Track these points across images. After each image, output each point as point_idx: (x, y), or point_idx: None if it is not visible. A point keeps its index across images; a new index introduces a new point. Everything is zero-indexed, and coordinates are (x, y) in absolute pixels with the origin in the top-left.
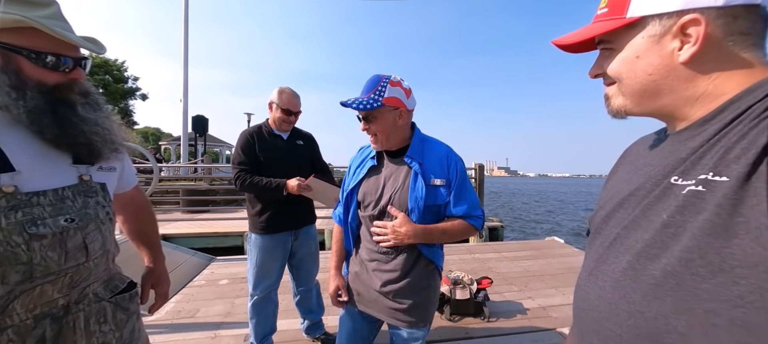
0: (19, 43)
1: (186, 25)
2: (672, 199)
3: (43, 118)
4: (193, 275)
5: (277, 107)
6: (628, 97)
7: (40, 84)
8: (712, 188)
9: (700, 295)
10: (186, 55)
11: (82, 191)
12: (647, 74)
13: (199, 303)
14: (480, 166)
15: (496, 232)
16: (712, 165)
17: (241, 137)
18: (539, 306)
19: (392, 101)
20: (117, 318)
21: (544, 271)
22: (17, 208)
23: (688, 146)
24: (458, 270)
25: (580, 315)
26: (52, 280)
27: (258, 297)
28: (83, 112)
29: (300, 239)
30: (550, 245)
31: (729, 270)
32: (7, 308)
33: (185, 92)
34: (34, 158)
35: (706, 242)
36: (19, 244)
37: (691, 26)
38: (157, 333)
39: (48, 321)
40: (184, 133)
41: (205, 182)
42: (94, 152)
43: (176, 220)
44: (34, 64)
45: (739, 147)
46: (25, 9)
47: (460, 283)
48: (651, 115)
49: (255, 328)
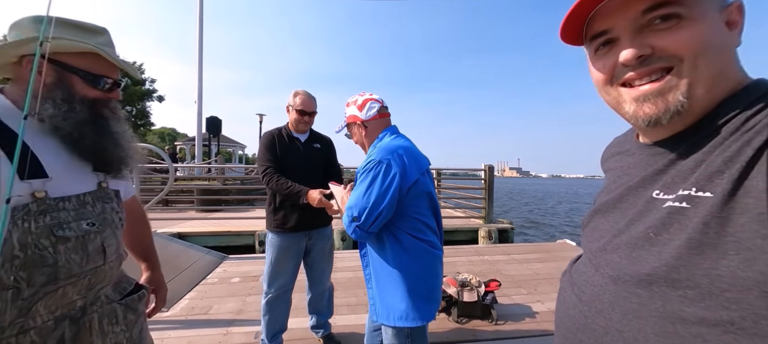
0: (77, 65)
1: (201, 28)
2: (655, 214)
3: (85, 128)
4: (207, 273)
5: (293, 109)
6: (701, 85)
7: (85, 99)
8: (696, 204)
9: (686, 318)
10: (201, 57)
11: (100, 197)
12: (724, 56)
13: (212, 300)
14: (490, 167)
15: (505, 234)
16: (695, 180)
17: (264, 137)
18: (548, 310)
19: (350, 118)
20: (127, 318)
21: (554, 274)
22: (46, 212)
23: (666, 158)
24: (466, 271)
25: (558, 323)
26: (73, 282)
27: (272, 295)
28: (114, 126)
29: (314, 238)
30: (561, 248)
31: (718, 294)
32: (31, 310)
33: (200, 93)
34: (61, 165)
35: (693, 263)
36: (46, 247)
37: (737, 13)
38: (172, 328)
39: (67, 323)
40: (198, 133)
41: (219, 181)
42: (121, 163)
43: (191, 219)
44: (84, 82)
45: (721, 161)
46: (88, 36)
47: (468, 285)
48: (702, 110)
49: (267, 326)
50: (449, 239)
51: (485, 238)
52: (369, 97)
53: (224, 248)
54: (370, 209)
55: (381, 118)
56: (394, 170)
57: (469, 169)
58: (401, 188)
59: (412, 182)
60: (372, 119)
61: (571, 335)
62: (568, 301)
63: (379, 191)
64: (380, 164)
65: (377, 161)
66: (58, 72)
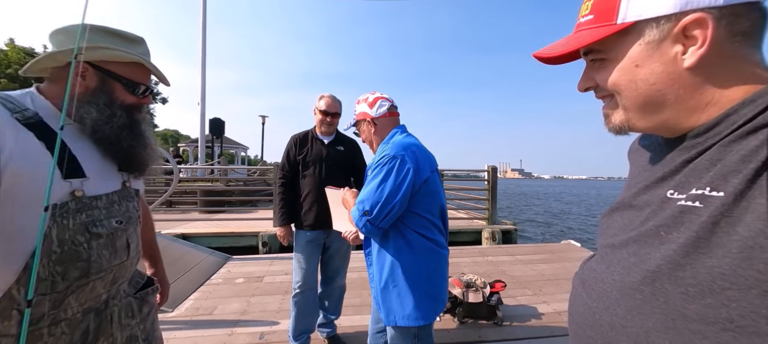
0: (119, 73)
1: (204, 30)
2: (668, 213)
3: (122, 132)
4: (211, 273)
5: (318, 111)
6: (630, 111)
7: (123, 104)
8: (707, 203)
9: (687, 315)
10: (204, 59)
11: (124, 196)
12: (649, 84)
13: (216, 301)
14: (493, 168)
15: (509, 235)
16: (709, 180)
17: (289, 142)
18: (554, 311)
19: (360, 115)
20: (142, 312)
21: (559, 275)
22: (82, 210)
23: (681, 158)
24: (471, 272)
25: (570, 320)
26: (102, 276)
27: (297, 292)
28: (144, 130)
29: (332, 236)
30: (566, 249)
31: (719, 291)
32: (64, 302)
33: (203, 95)
34: (96, 166)
35: (698, 261)
36: (81, 243)
37: (694, 28)
38: (177, 329)
39: (92, 315)
40: (201, 135)
41: (222, 183)
42: (147, 164)
43: (194, 220)
44: (124, 88)
45: (736, 160)
46: (130, 45)
47: (473, 286)
48: (655, 130)
49: (293, 322)
50: (453, 240)
51: (489, 239)
52: (380, 95)
53: (227, 248)
54: (383, 203)
55: (390, 116)
56: (408, 165)
57: (471, 170)
58: (414, 185)
59: (424, 179)
60: (382, 116)
61: (581, 331)
62: (578, 299)
63: (393, 186)
64: (394, 159)
65: (391, 155)
66: (101, 78)
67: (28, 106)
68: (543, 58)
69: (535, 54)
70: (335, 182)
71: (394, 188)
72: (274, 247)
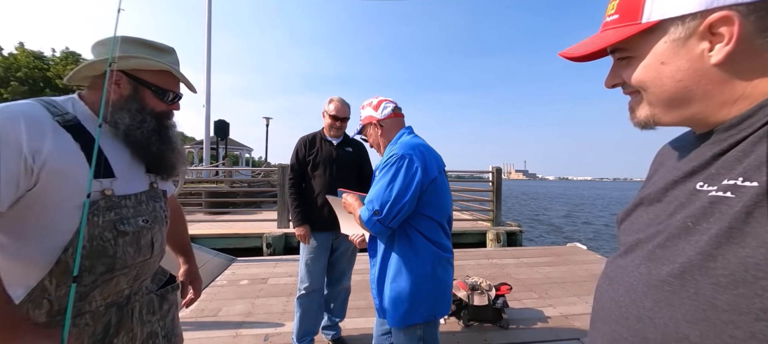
0: (150, 81)
1: (209, 34)
2: (697, 205)
3: (152, 136)
4: (216, 275)
5: (327, 115)
6: (656, 106)
7: (153, 111)
8: (740, 193)
9: (718, 305)
10: (209, 63)
11: (152, 197)
12: (676, 81)
13: (221, 303)
14: (497, 169)
15: (514, 237)
16: (742, 170)
17: (297, 143)
18: (561, 314)
19: (366, 119)
20: (163, 308)
21: (565, 278)
22: (111, 208)
23: (711, 152)
24: (476, 275)
25: (594, 317)
26: (126, 272)
27: (302, 293)
28: (172, 134)
29: (340, 238)
30: (571, 252)
31: (752, 282)
32: (89, 295)
33: (207, 98)
34: (125, 167)
35: (730, 251)
36: (108, 239)
37: (720, 25)
38: (183, 330)
39: (114, 309)
40: (206, 137)
41: (226, 184)
42: (174, 167)
43: (199, 221)
44: (154, 95)
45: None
46: (161, 55)
47: (478, 289)
48: (682, 123)
49: (297, 323)
50: (457, 242)
51: (493, 241)
52: (384, 98)
53: (232, 250)
54: (393, 202)
55: (396, 117)
56: (417, 164)
57: (475, 171)
58: (422, 184)
59: (432, 179)
60: (387, 117)
61: (607, 327)
62: (604, 296)
63: (402, 185)
64: (403, 158)
65: (400, 155)
66: (134, 86)
67: (68, 110)
68: (571, 57)
69: (562, 53)
70: (345, 182)
71: (403, 187)
72: (279, 249)
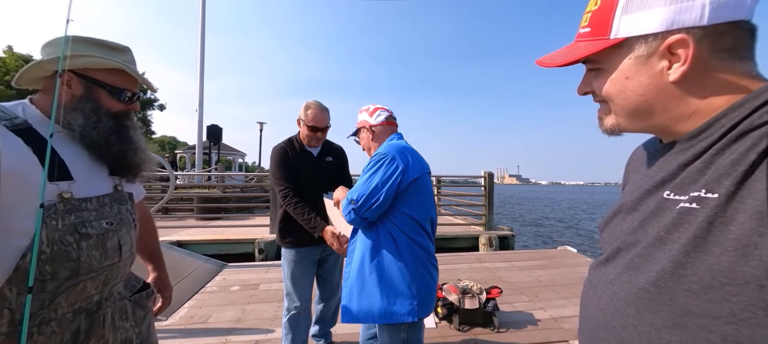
0: (104, 80)
1: (202, 38)
2: (667, 214)
3: (110, 137)
4: (206, 281)
5: (304, 124)
6: (621, 116)
7: (110, 111)
8: (704, 204)
9: (692, 311)
10: (202, 67)
11: (116, 199)
12: (638, 95)
13: (211, 309)
14: (489, 174)
15: (506, 241)
16: (704, 182)
17: (275, 152)
18: (551, 317)
19: (361, 123)
20: (136, 315)
21: (555, 281)
22: (71, 212)
23: (677, 161)
24: (468, 279)
25: (582, 324)
26: (93, 277)
27: (293, 313)
28: (133, 134)
29: (328, 250)
30: (562, 255)
31: (719, 287)
32: (54, 302)
33: (201, 102)
34: (84, 169)
35: (698, 259)
36: (70, 243)
37: (678, 47)
38: (171, 337)
39: (83, 316)
40: (199, 142)
41: (218, 189)
42: (138, 168)
43: (190, 227)
44: (109, 95)
45: (728, 163)
46: (114, 54)
47: (469, 292)
48: (644, 131)
49: (286, 341)
50: (449, 247)
51: (486, 245)
52: (380, 106)
53: (223, 256)
54: (369, 194)
55: (388, 125)
56: (397, 163)
57: (468, 176)
58: (401, 182)
59: (414, 178)
60: (380, 124)
61: (595, 334)
62: (590, 303)
63: (380, 180)
64: (385, 156)
65: (383, 153)
66: (86, 86)
67: (18, 114)
68: (546, 65)
69: (538, 61)
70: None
71: (381, 181)
72: (271, 254)
